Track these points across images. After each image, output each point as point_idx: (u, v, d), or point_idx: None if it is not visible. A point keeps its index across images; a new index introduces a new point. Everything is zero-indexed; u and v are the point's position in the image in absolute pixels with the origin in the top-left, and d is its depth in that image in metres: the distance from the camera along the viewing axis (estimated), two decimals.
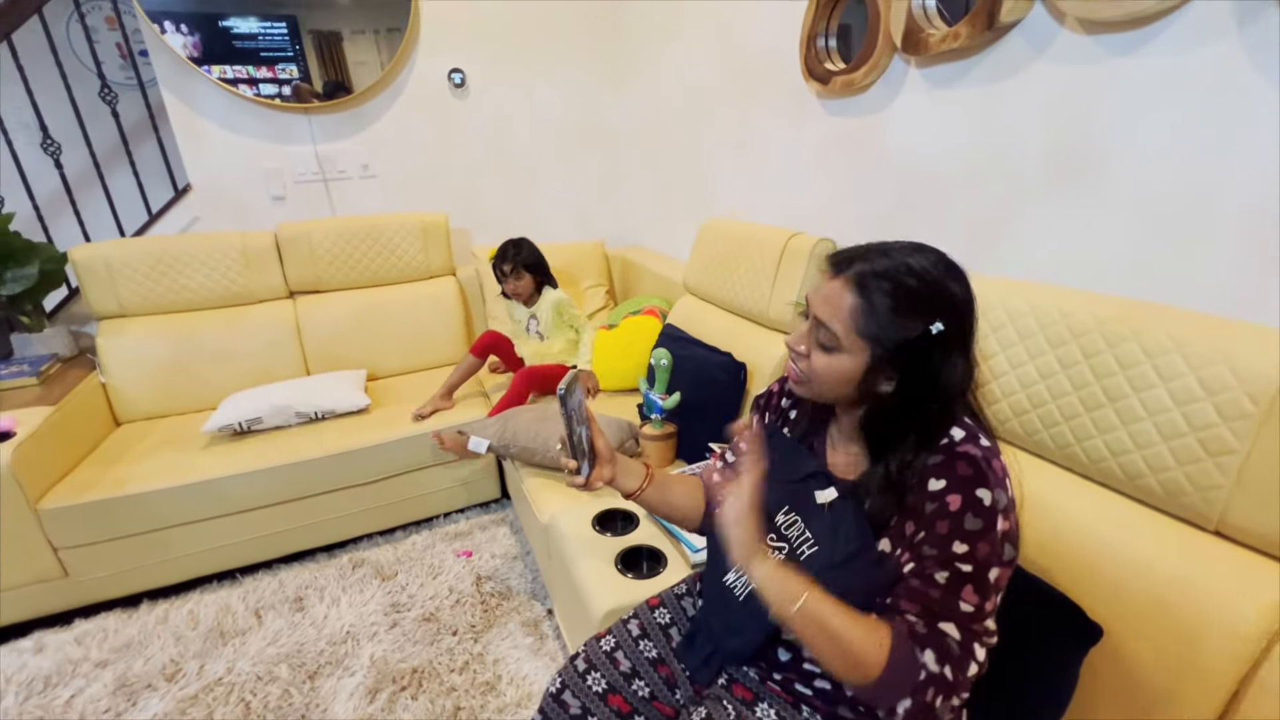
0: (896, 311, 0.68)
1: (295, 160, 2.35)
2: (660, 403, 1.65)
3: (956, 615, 0.66)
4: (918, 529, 0.70)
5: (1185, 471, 0.81)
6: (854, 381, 0.72)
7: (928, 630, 0.66)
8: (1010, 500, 0.69)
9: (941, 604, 0.66)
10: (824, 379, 0.74)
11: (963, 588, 0.66)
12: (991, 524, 0.66)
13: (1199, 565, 0.78)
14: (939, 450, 0.71)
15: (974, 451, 0.69)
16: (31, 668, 1.54)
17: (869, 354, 0.70)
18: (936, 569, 0.67)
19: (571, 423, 0.86)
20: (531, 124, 2.65)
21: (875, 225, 1.54)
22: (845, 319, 0.71)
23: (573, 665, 0.95)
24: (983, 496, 0.67)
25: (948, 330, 0.68)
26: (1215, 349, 0.79)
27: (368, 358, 2.32)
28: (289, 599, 1.75)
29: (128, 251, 2.04)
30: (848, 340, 0.71)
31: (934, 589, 0.67)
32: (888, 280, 0.69)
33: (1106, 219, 1.06)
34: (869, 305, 0.69)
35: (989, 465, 0.68)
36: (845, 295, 0.71)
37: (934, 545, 0.67)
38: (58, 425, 1.74)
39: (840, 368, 0.72)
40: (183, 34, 2.09)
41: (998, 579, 0.67)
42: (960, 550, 0.66)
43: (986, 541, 0.66)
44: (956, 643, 0.65)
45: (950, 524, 0.67)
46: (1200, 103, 0.92)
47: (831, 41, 1.59)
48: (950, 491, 0.68)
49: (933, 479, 0.69)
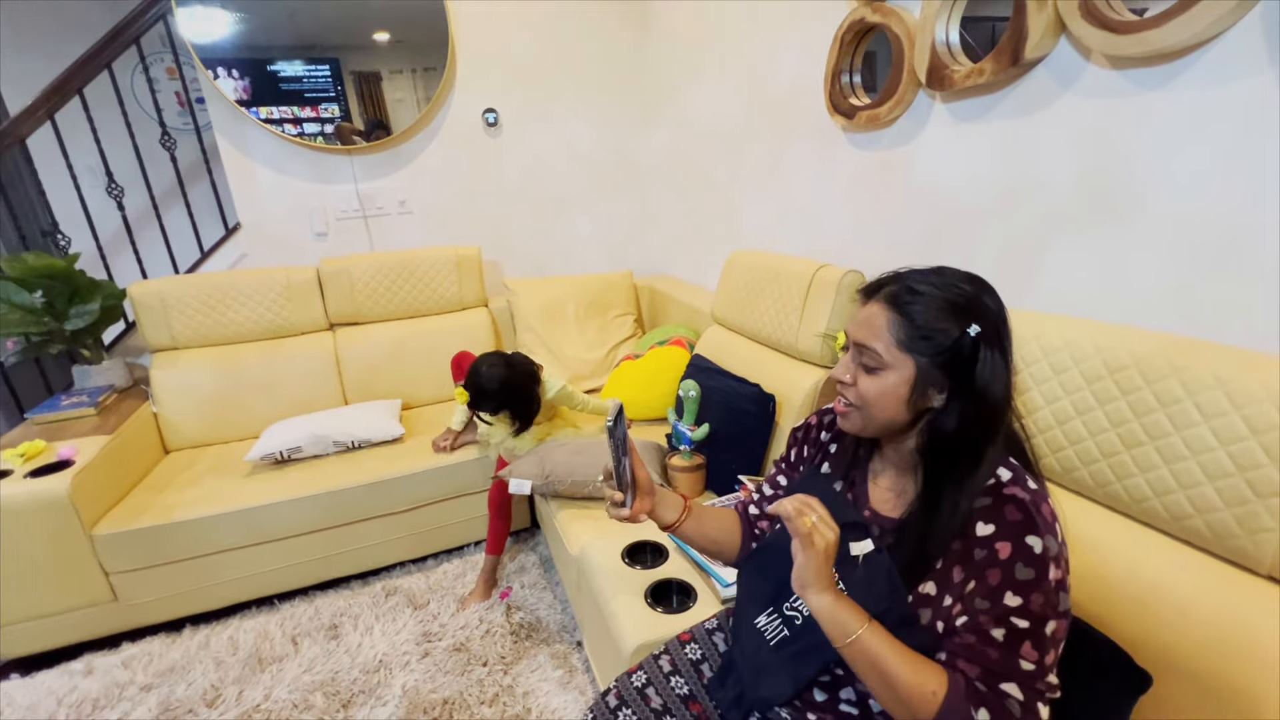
0: (933, 320, 0.70)
1: (337, 198, 2.45)
2: (689, 434, 1.66)
3: (1018, 675, 0.65)
4: (967, 577, 0.69)
5: (1234, 513, 0.78)
6: (904, 399, 0.73)
7: (988, 690, 0.65)
8: (1061, 546, 0.68)
9: (1001, 664, 0.65)
10: (874, 401, 0.74)
11: (1021, 645, 0.65)
12: (1044, 573, 0.65)
13: (1252, 611, 0.75)
14: (986, 492, 0.70)
15: (1022, 495, 0.68)
16: (81, 690, 1.59)
17: (914, 366, 0.71)
18: (992, 625, 0.66)
19: (618, 454, 0.87)
20: (562, 159, 2.73)
21: (902, 257, 1.52)
22: (885, 336, 0.72)
23: (604, 701, 0.95)
24: (1033, 544, 0.66)
25: (985, 332, 0.69)
26: (1260, 386, 0.77)
27: (403, 387, 2.38)
28: (324, 626, 1.78)
29: (181, 288, 2.15)
30: (890, 356, 0.72)
31: (992, 648, 0.66)
32: (919, 293, 0.71)
33: (1139, 253, 1.05)
34: (906, 318, 0.71)
35: (1038, 510, 0.67)
36: (881, 314, 0.73)
37: (986, 597, 0.66)
38: (113, 454, 1.82)
39: (888, 386, 0.73)
40: (234, 79, 2.23)
41: (1055, 631, 0.65)
42: (1014, 604, 0.65)
43: (1040, 592, 0.65)
44: (1019, 703, 0.64)
45: (1001, 573, 0.66)
46: (1233, 136, 0.91)
47: (856, 77, 1.62)
48: (999, 538, 0.67)
49: (981, 523, 0.69)
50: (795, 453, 0.99)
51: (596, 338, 2.57)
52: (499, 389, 1.73)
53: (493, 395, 1.74)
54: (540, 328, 2.52)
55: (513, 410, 1.79)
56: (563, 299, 2.57)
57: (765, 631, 0.87)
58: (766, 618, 0.88)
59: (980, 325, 0.69)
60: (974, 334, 0.69)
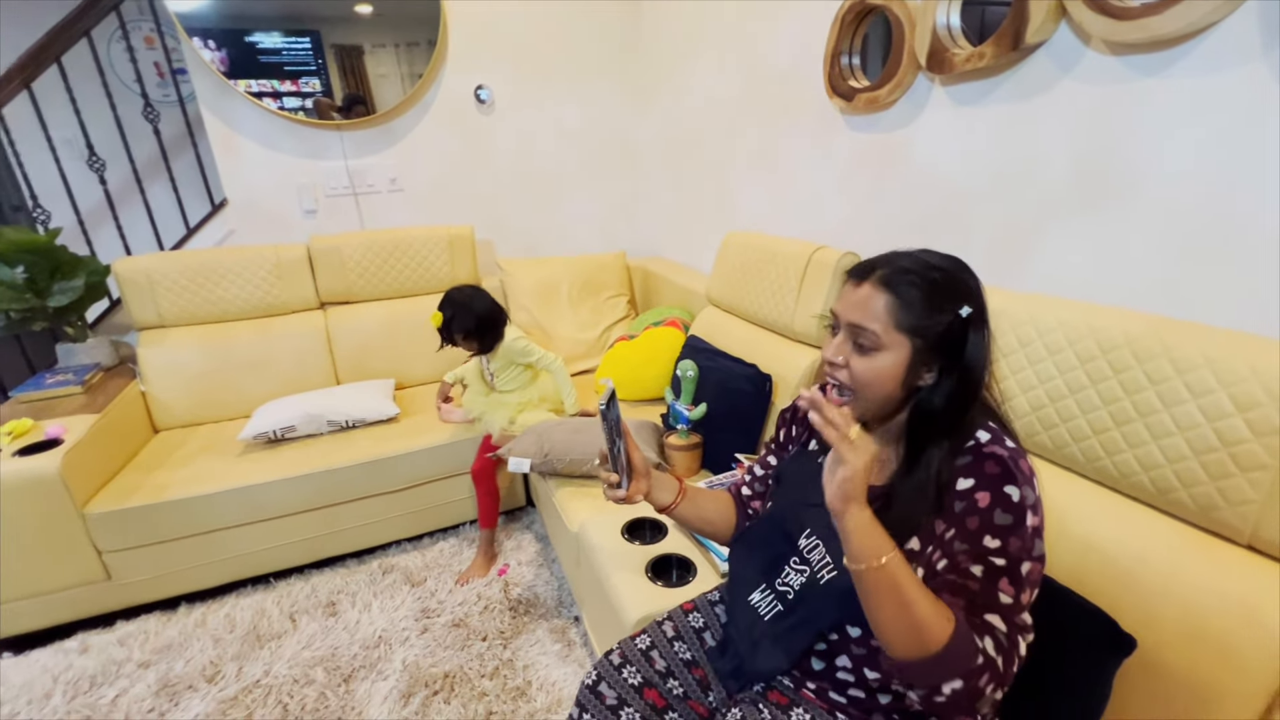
0: (928, 303, 0.73)
1: (327, 175, 2.41)
2: (686, 413, 1.68)
3: (998, 607, 0.68)
4: (948, 526, 0.72)
5: (1218, 486, 0.82)
6: (898, 378, 0.75)
7: (979, 620, 0.68)
8: (1038, 498, 0.71)
9: (982, 595, 0.68)
10: (869, 382, 0.76)
11: (999, 579, 0.68)
12: (1021, 519, 0.69)
13: (1232, 579, 0.79)
14: (967, 451, 0.73)
15: (1001, 451, 0.72)
16: (77, 667, 1.59)
17: (910, 347, 0.74)
18: (971, 563, 0.69)
19: (612, 436, 0.89)
20: (555, 138, 2.70)
21: (899, 240, 1.53)
22: (883, 317, 0.74)
23: (608, 659, 0.97)
24: (1011, 493, 0.69)
25: (974, 312, 0.73)
26: (1246, 365, 0.80)
27: (395, 367, 2.37)
28: (322, 604, 1.79)
29: (168, 264, 2.11)
30: (888, 337, 0.74)
31: (972, 580, 0.69)
32: (913, 275, 0.74)
33: (1135, 236, 1.08)
34: (903, 300, 0.74)
35: (1015, 464, 0.71)
36: (877, 296, 0.75)
37: (965, 540, 0.70)
38: (102, 432, 1.80)
39: (883, 366, 0.75)
40: (210, 50, 2.16)
41: (1030, 572, 0.69)
42: (992, 545, 0.69)
43: (1017, 536, 0.68)
44: (1004, 634, 0.67)
45: (980, 520, 0.70)
46: (1227, 123, 0.94)
47: (855, 59, 1.62)
48: (979, 489, 0.71)
49: (962, 478, 0.72)
50: (784, 433, 1.02)
51: (590, 318, 2.57)
52: (472, 305, 1.84)
53: (467, 311, 1.83)
54: (534, 308, 2.51)
55: (480, 336, 1.87)
56: (556, 279, 2.56)
57: (759, 608, 0.90)
58: (760, 594, 0.91)
59: (970, 305, 0.73)
60: (965, 315, 0.73)
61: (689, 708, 0.93)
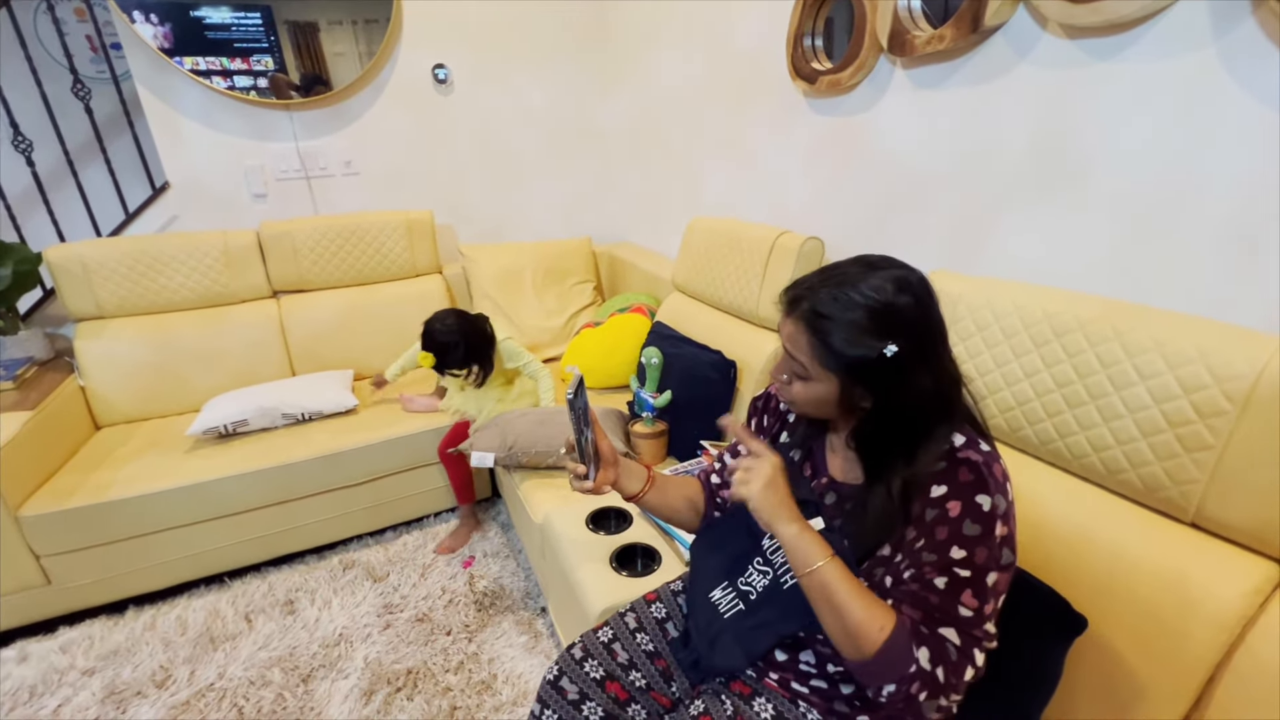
0: (849, 342, 0.71)
1: (276, 157, 2.31)
2: (651, 401, 1.66)
3: (956, 620, 0.68)
4: (918, 535, 0.71)
5: (1164, 467, 0.84)
6: (833, 403, 0.76)
7: (929, 633, 0.68)
8: (1009, 505, 0.71)
9: (941, 609, 0.68)
10: (806, 405, 0.79)
11: (961, 592, 0.68)
12: (990, 529, 0.68)
13: (1177, 556, 0.81)
14: (941, 456, 0.72)
15: (975, 457, 0.71)
16: (16, 677, 1.52)
17: (838, 381, 0.74)
18: (935, 574, 0.69)
19: (580, 425, 0.86)
20: (517, 121, 2.63)
21: (861, 223, 1.56)
22: (807, 354, 0.74)
23: (569, 654, 0.96)
24: (982, 502, 0.68)
25: (902, 350, 0.69)
26: (1193, 348, 0.81)
27: (354, 357, 2.30)
28: (279, 602, 1.74)
29: (105, 252, 2.00)
30: (815, 371, 0.74)
31: (933, 594, 0.68)
32: (833, 316, 0.71)
33: (1089, 220, 1.09)
34: (821, 342, 0.72)
35: (989, 470, 0.70)
36: (799, 333, 0.74)
37: (933, 550, 0.69)
38: (36, 430, 1.70)
39: (817, 394, 0.76)
40: (153, 24, 2.04)
41: (996, 583, 0.69)
42: (958, 555, 0.68)
43: (984, 546, 0.68)
44: (955, 647, 0.67)
45: (949, 530, 0.69)
46: (1178, 107, 0.95)
47: (818, 41, 1.60)
48: (951, 498, 0.70)
49: (935, 485, 0.71)
50: (755, 422, 1.01)
51: (555, 305, 2.53)
52: (460, 339, 1.76)
53: (455, 346, 1.75)
54: (498, 295, 2.46)
55: (479, 361, 1.79)
56: (520, 266, 2.51)
57: (719, 605, 0.90)
58: (721, 591, 0.90)
59: (896, 342, 0.69)
60: (890, 354, 0.69)
61: (652, 699, 0.92)
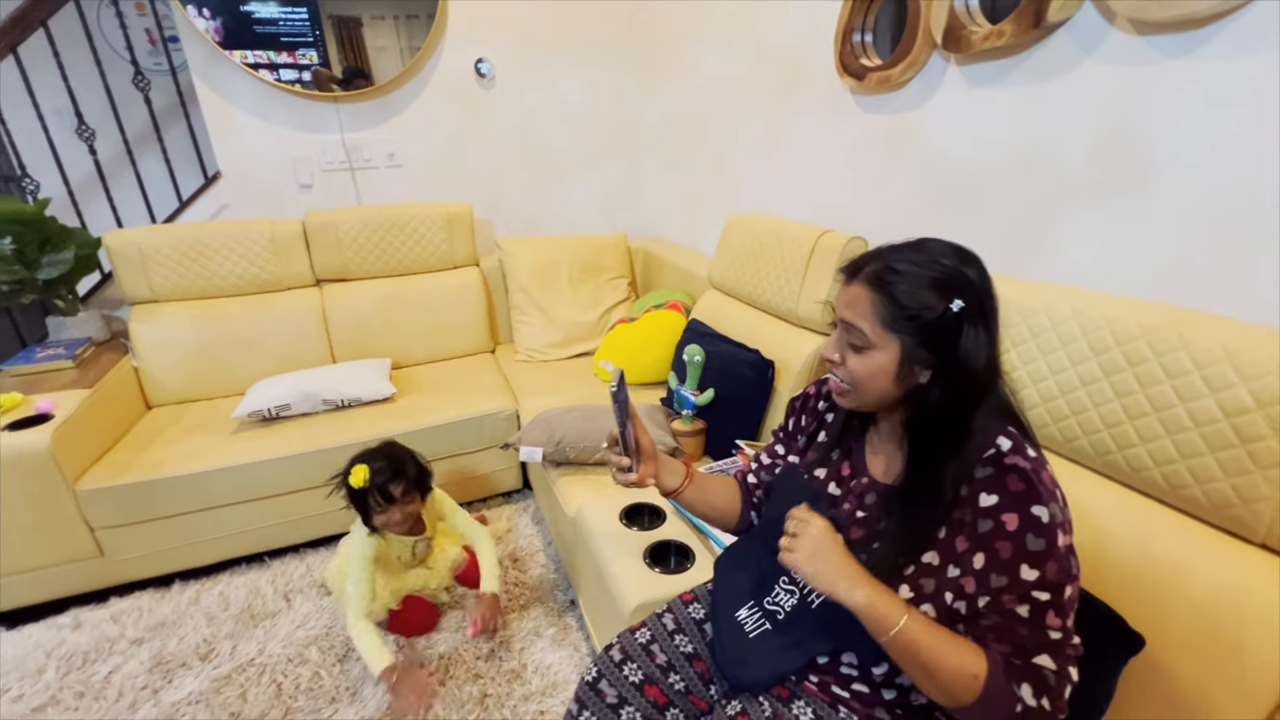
0: (915, 298, 0.70)
1: (323, 149, 2.36)
2: (692, 399, 1.65)
3: (1048, 645, 0.66)
4: (973, 548, 0.69)
5: (1232, 483, 0.80)
6: (892, 375, 0.73)
7: (1023, 664, 0.66)
8: (1065, 512, 0.69)
9: (1032, 639, 0.66)
10: (863, 379, 0.75)
11: (1045, 616, 0.66)
12: (1054, 541, 0.66)
13: (1244, 578, 0.77)
14: (987, 462, 0.70)
15: (1023, 464, 0.69)
16: (70, 644, 1.58)
17: (899, 344, 0.72)
18: (1016, 603, 0.67)
19: (622, 419, 0.87)
20: (557, 117, 2.64)
21: (909, 224, 1.52)
22: (870, 316, 0.72)
23: (608, 655, 0.96)
24: (1039, 514, 0.66)
25: (968, 306, 0.69)
26: (1269, 359, 0.78)
27: (392, 346, 2.34)
28: (317, 583, 1.78)
29: (160, 238, 2.07)
30: (875, 335, 0.72)
31: (1020, 625, 0.67)
32: (901, 272, 0.71)
33: (1155, 223, 1.04)
34: (888, 298, 0.71)
35: (1039, 478, 0.68)
36: (865, 295, 0.73)
37: (1002, 573, 0.67)
38: (94, 408, 1.77)
39: (875, 364, 0.73)
40: (205, 19, 2.10)
41: (1071, 596, 0.67)
42: (1031, 577, 0.66)
43: (1054, 560, 0.66)
44: (1053, 673, 0.66)
45: (1012, 546, 0.67)
46: (1255, 108, 0.90)
47: (868, 37, 1.57)
48: (1005, 509, 0.68)
49: (984, 494, 0.69)
50: (793, 422, 1.00)
51: (590, 300, 2.53)
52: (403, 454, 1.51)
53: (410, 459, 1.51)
54: (533, 288, 2.47)
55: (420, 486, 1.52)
56: (556, 260, 2.52)
57: (745, 624, 0.89)
58: (748, 610, 0.90)
59: (963, 300, 0.69)
60: (956, 309, 0.69)
61: (690, 703, 0.92)
